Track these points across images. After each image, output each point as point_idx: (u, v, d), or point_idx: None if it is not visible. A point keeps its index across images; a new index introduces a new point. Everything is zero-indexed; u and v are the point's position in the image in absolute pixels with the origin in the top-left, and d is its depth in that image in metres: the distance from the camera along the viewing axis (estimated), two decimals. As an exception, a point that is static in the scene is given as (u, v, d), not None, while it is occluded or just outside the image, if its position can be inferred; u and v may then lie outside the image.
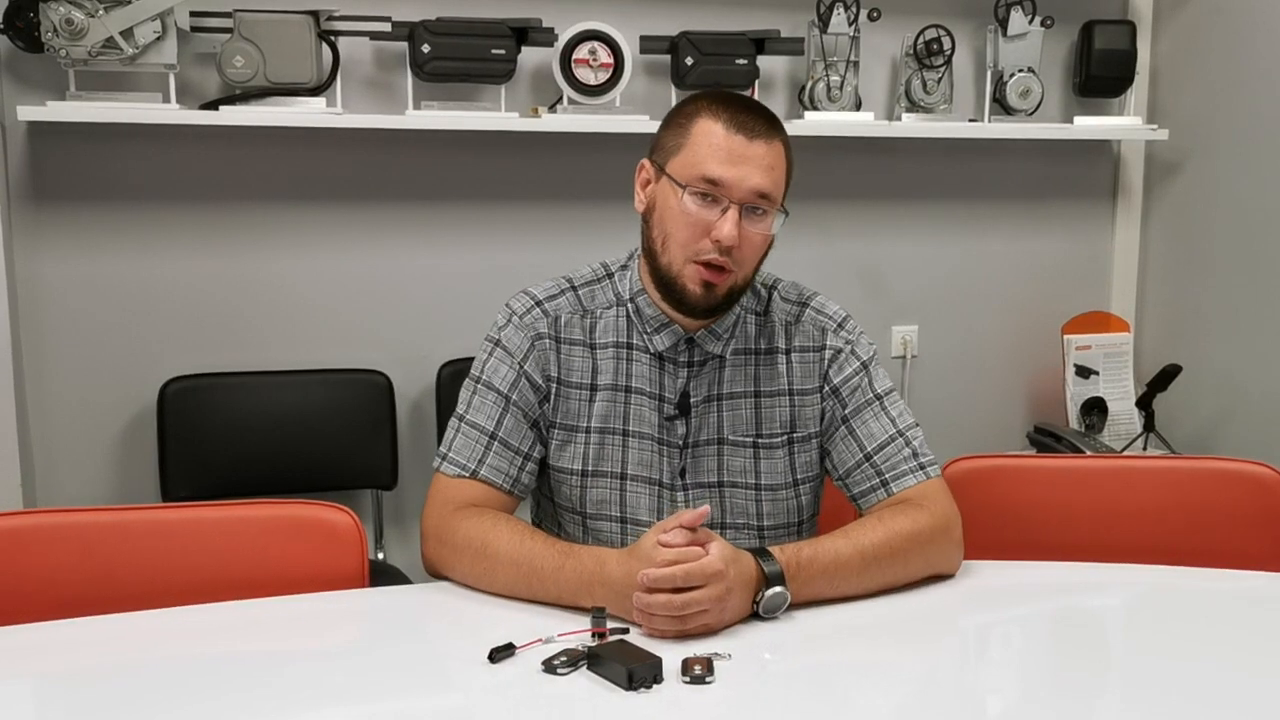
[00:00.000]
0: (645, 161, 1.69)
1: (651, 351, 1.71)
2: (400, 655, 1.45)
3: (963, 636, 1.59)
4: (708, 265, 1.60)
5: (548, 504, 1.81)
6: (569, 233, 2.97)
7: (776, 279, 1.80)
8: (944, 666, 1.48)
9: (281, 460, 2.77)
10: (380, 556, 2.90)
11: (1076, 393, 3.30)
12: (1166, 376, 3.15)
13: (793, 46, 2.97)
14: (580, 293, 1.76)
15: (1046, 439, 3.19)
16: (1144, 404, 3.20)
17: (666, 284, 1.65)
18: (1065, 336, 3.31)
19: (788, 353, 1.74)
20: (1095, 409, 3.28)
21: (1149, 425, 3.20)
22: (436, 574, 1.66)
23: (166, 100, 2.58)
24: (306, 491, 2.62)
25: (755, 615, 1.51)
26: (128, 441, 2.76)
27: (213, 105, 2.62)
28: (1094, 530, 1.88)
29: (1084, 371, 3.30)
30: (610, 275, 1.77)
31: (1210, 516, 1.83)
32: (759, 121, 1.61)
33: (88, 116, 2.52)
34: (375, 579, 1.68)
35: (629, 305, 1.72)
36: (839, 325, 1.76)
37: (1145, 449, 3.18)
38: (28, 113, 2.48)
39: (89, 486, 2.73)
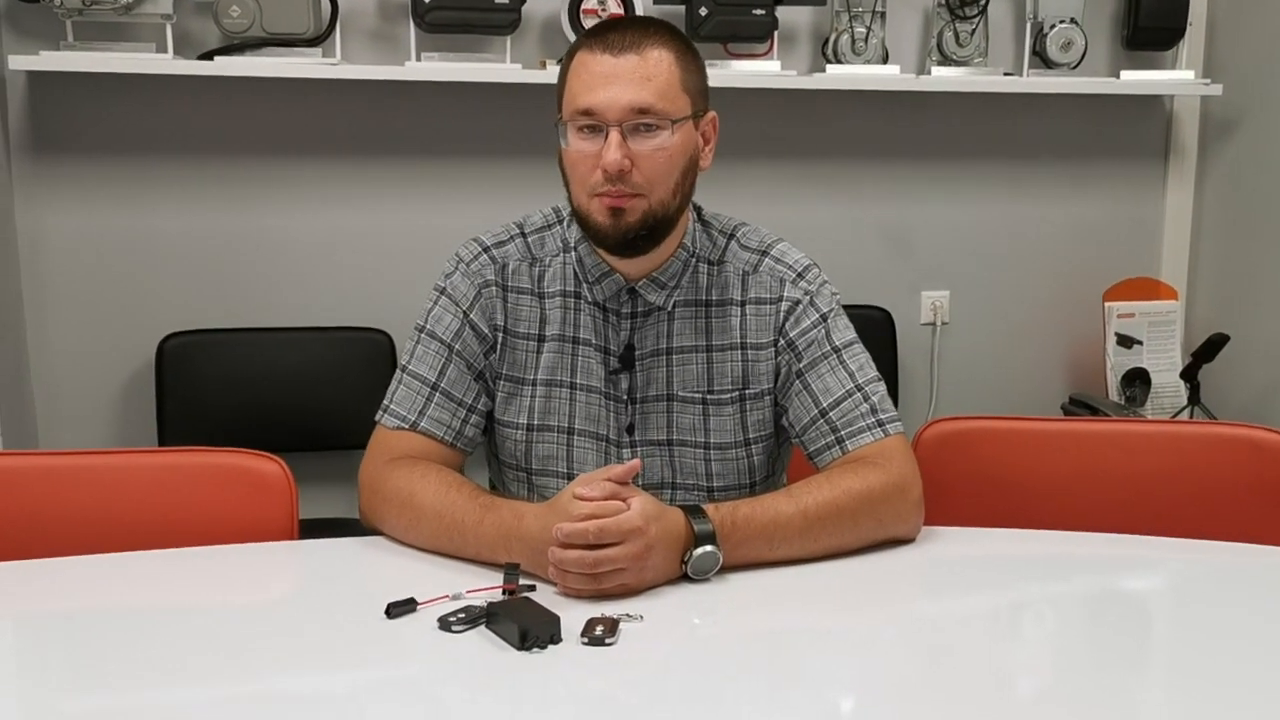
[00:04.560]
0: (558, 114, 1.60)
1: (593, 301, 1.62)
2: (299, 609, 1.40)
3: (915, 605, 1.47)
4: (608, 195, 1.51)
5: (495, 464, 1.74)
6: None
7: (739, 225, 1.69)
8: (889, 636, 1.36)
9: (280, 418, 2.74)
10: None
11: (1117, 363, 3.12)
12: (1213, 346, 2.97)
13: (815, -4, 2.84)
14: (530, 239, 1.68)
15: (1082, 411, 3.04)
16: (1189, 375, 3.02)
17: (583, 226, 1.56)
18: (1106, 304, 3.14)
19: (742, 304, 1.63)
20: (1138, 380, 3.11)
21: (1194, 398, 3.02)
22: (371, 527, 1.60)
23: (163, 50, 2.55)
24: (305, 450, 2.58)
25: (686, 577, 1.42)
26: (127, 396, 2.75)
27: (209, 56, 2.58)
28: (1084, 498, 1.75)
29: (1126, 341, 3.13)
30: (561, 220, 1.68)
31: (1206, 483, 1.68)
32: (629, 35, 1.50)
33: (79, 66, 2.50)
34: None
35: (574, 252, 1.64)
36: (799, 275, 1.64)
37: (1190, 423, 3.01)
38: (21, 62, 2.47)
39: (88, 441, 2.72)
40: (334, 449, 2.72)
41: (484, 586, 1.37)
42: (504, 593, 1.35)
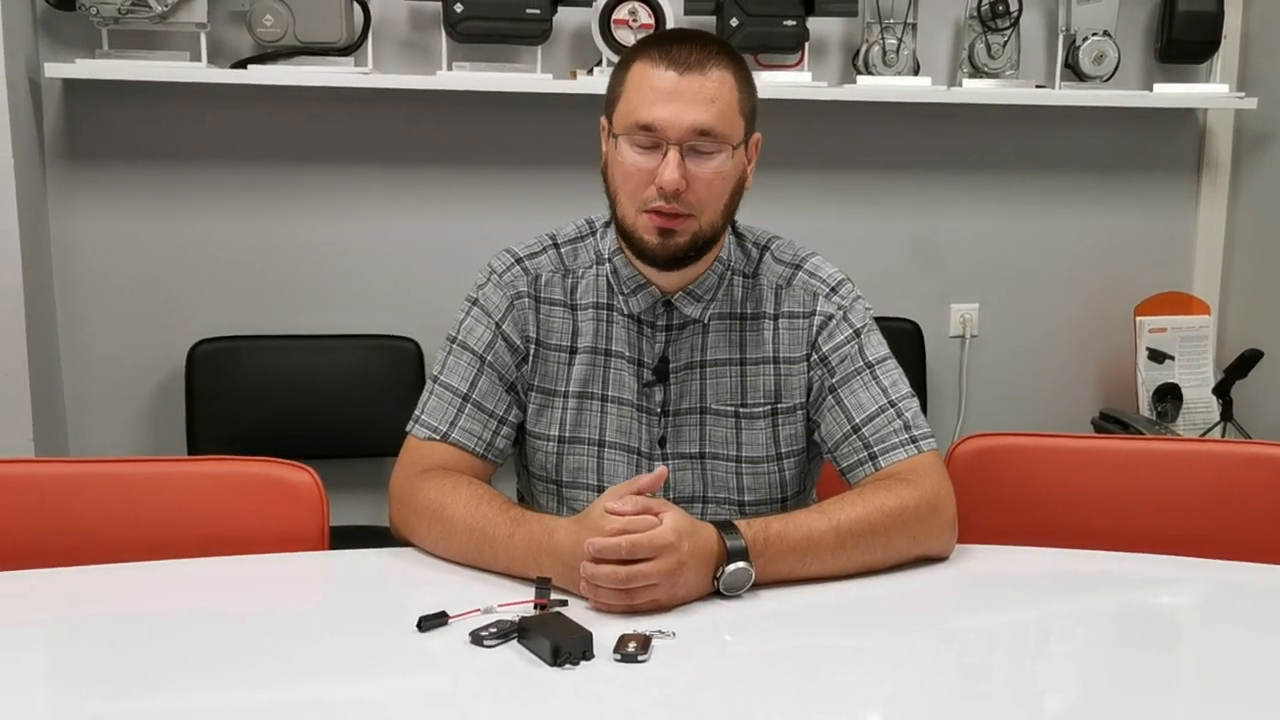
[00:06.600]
0: (603, 118, 1.59)
1: (628, 313, 1.62)
2: (330, 621, 1.39)
3: (948, 623, 1.46)
4: (659, 213, 1.50)
5: (525, 476, 1.73)
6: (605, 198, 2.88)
7: (773, 238, 1.68)
8: (922, 654, 1.35)
9: (309, 425, 2.75)
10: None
11: (1149, 378, 3.10)
12: (1246, 362, 2.94)
13: (846, 7, 2.82)
14: (563, 250, 1.67)
15: (1112, 426, 3.01)
16: (1221, 391, 2.99)
17: (627, 238, 1.56)
18: (1138, 318, 3.12)
19: (775, 318, 1.63)
20: (1169, 396, 3.08)
21: (1226, 414, 2.99)
22: (402, 538, 1.60)
23: (197, 59, 2.56)
24: (334, 457, 2.59)
25: (718, 593, 1.41)
26: (157, 402, 2.76)
27: (242, 65, 2.60)
28: (1118, 516, 1.73)
29: (1158, 356, 3.10)
30: (594, 232, 1.68)
31: (1240, 504, 1.67)
32: (694, 53, 1.49)
33: (114, 74, 2.51)
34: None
35: (609, 264, 1.63)
36: (832, 290, 1.63)
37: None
38: (56, 70, 2.49)
39: (118, 446, 2.74)
40: (363, 456, 2.73)
41: (515, 601, 1.36)
42: (535, 607, 1.34)
